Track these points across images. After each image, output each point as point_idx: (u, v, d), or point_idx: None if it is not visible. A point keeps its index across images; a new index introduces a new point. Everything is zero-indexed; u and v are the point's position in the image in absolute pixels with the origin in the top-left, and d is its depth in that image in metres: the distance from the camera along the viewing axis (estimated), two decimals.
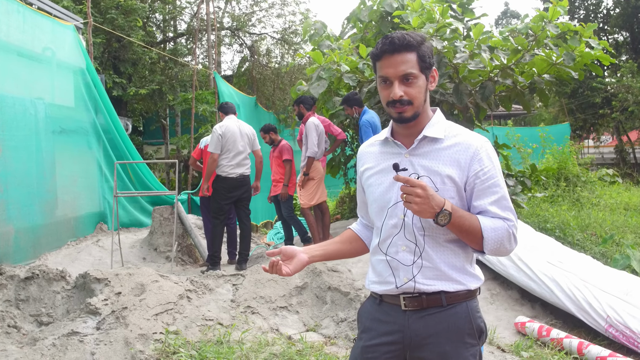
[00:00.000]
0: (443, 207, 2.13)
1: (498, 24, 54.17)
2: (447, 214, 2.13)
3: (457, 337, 2.27)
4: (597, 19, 28.05)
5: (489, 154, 2.31)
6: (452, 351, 2.26)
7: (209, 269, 7.91)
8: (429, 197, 2.10)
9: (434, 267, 2.28)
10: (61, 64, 8.75)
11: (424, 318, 2.28)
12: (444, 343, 2.26)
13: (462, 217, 2.19)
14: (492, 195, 2.27)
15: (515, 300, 6.32)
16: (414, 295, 2.30)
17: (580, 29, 8.31)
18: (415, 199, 2.10)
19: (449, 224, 2.16)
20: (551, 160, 14.43)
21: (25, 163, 7.52)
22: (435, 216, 2.13)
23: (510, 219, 2.28)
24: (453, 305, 2.28)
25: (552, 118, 30.16)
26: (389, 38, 2.26)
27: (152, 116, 21.09)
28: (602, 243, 8.28)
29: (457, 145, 2.30)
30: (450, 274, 2.28)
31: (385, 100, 2.28)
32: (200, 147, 9.00)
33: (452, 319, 2.27)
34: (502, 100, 9.19)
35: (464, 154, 2.28)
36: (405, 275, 2.29)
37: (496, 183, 2.28)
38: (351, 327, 5.48)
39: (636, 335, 5.12)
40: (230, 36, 22.67)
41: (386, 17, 9.95)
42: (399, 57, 2.25)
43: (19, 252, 7.18)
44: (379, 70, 2.29)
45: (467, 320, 2.29)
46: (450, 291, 2.28)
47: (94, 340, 4.86)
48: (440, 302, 2.28)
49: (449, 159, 2.28)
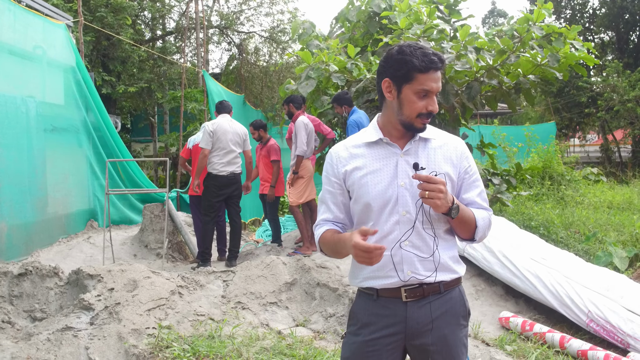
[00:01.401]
0: (454, 201, 2.32)
1: (485, 23, 54.52)
2: (457, 208, 2.33)
3: (454, 320, 2.47)
4: (583, 18, 28.23)
5: (468, 151, 2.57)
6: (450, 334, 2.45)
7: (199, 265, 8.02)
8: (445, 192, 2.27)
9: (433, 259, 2.44)
10: (52, 62, 8.81)
11: (425, 306, 2.44)
12: (443, 327, 2.44)
13: (464, 210, 2.40)
14: (476, 189, 2.52)
15: (499, 296, 6.47)
16: (414, 287, 2.44)
17: (564, 30, 8.47)
18: (439, 195, 2.25)
19: (459, 215, 2.35)
20: (536, 159, 14.57)
21: (17, 161, 7.58)
22: (449, 210, 2.30)
23: (490, 209, 2.56)
24: (449, 291, 2.48)
25: (539, 117, 30.36)
26: (435, 55, 2.38)
27: (140, 114, 21.11)
28: (585, 241, 8.42)
29: (445, 145, 2.49)
30: (449, 264, 2.47)
31: (419, 111, 2.40)
32: (188, 147, 9.03)
33: (449, 303, 2.47)
34: (488, 100, 9.34)
35: (454, 153, 2.49)
36: (410, 269, 2.43)
37: (478, 178, 2.56)
38: (340, 322, 5.60)
39: (616, 329, 5.27)
40: (218, 34, 22.70)
41: (374, 17, 10.08)
42: (439, 74, 2.40)
43: (11, 248, 7.25)
44: (421, 83, 2.37)
45: (462, 303, 2.52)
46: (448, 280, 2.47)
47: (87, 335, 4.94)
48: (438, 289, 2.45)
49: (443, 158, 2.46)
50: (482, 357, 4.90)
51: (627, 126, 22.75)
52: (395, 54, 2.42)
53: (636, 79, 21.52)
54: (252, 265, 6.56)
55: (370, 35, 10.37)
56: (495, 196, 8.94)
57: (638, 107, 20.68)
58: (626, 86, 21.20)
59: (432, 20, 8.66)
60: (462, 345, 2.51)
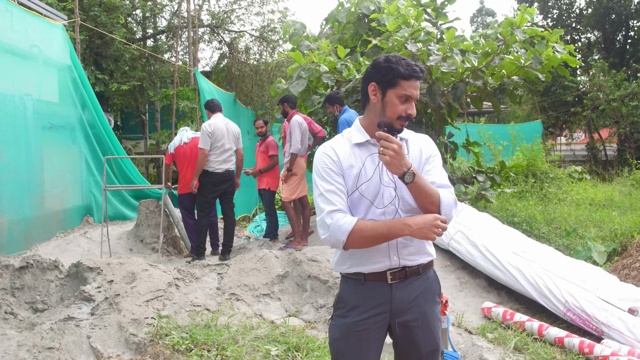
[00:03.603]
0: (410, 167, 2.58)
1: (473, 22, 54.74)
2: (412, 174, 2.58)
3: (431, 297, 2.83)
4: (570, 18, 28.42)
5: (433, 145, 2.94)
6: (429, 310, 2.80)
7: (194, 259, 8.23)
8: (402, 155, 2.56)
9: (414, 244, 2.77)
10: (50, 61, 8.97)
11: (407, 287, 2.78)
12: (423, 304, 2.79)
13: (423, 179, 2.65)
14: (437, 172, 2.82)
15: (482, 287, 6.73)
16: (398, 270, 2.77)
17: (547, 34, 8.73)
18: (390, 153, 2.55)
19: (412, 184, 2.60)
20: (521, 157, 14.82)
21: (16, 158, 7.76)
22: (403, 174, 2.58)
23: (450, 186, 2.80)
24: (425, 272, 2.83)
25: (526, 115, 30.56)
26: (417, 66, 2.75)
27: (132, 111, 21.22)
28: (566, 236, 8.67)
29: (417, 142, 2.89)
30: (425, 248, 2.81)
31: (400, 113, 2.73)
32: (170, 152, 9.10)
33: (427, 283, 2.83)
34: (473, 100, 9.58)
35: (425, 146, 2.88)
36: (395, 255, 2.76)
37: (440, 164, 2.87)
38: (330, 312, 5.84)
39: (591, 318, 5.55)
40: (209, 33, 22.85)
41: (363, 19, 10.29)
42: (418, 83, 2.77)
43: (12, 243, 7.43)
44: (404, 89, 2.72)
45: (437, 282, 2.90)
46: (425, 263, 2.81)
47: (89, 325, 5.13)
48: (417, 271, 2.80)
49: (415, 152, 2.85)
50: (465, 344, 5.15)
51: (612, 125, 22.91)
52: (382, 62, 2.75)
53: (621, 78, 21.77)
54: (246, 259, 6.80)
55: (360, 36, 10.60)
56: (479, 193, 9.19)
57: (623, 106, 20.87)
58: (612, 85, 21.43)
59: (420, 22, 8.90)
60: (437, 319, 2.85)
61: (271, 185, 9.28)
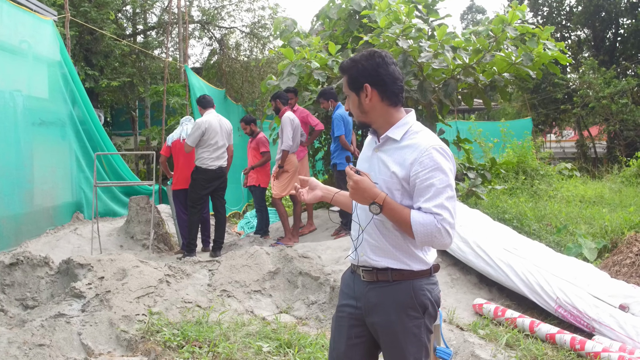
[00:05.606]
0: (375, 199, 2.58)
1: (464, 19, 54.87)
2: (378, 206, 2.58)
3: (400, 309, 2.69)
4: (560, 16, 28.52)
5: (432, 156, 2.58)
6: (397, 320, 2.69)
7: (185, 255, 8.22)
8: (360, 190, 2.60)
9: (381, 246, 2.74)
10: (40, 57, 8.94)
11: (375, 289, 2.76)
12: (390, 312, 2.70)
13: (393, 210, 2.59)
14: (426, 195, 2.57)
15: (473, 284, 6.74)
16: (368, 269, 2.78)
17: (538, 31, 8.76)
18: (350, 189, 2.64)
19: (383, 213, 2.61)
20: (511, 154, 14.84)
21: (6, 154, 7.74)
22: (369, 205, 2.62)
23: (440, 214, 2.52)
24: (398, 282, 2.71)
25: (516, 113, 30.65)
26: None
27: (122, 107, 21.16)
28: (557, 232, 8.69)
29: (408, 147, 2.67)
30: (395, 253, 2.72)
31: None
32: (167, 145, 9.17)
33: (395, 293, 2.71)
34: (464, 97, 9.59)
35: (410, 156, 2.63)
36: (362, 251, 2.80)
37: (433, 183, 2.55)
38: (321, 309, 5.85)
39: (582, 314, 5.57)
40: (199, 29, 22.80)
41: (354, 15, 10.28)
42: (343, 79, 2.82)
43: (1, 239, 7.42)
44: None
45: (409, 296, 2.69)
46: (395, 268, 2.71)
47: (80, 322, 5.10)
48: (387, 277, 2.73)
49: (398, 158, 2.68)
50: (456, 341, 5.16)
51: (602, 122, 22.97)
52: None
53: (611, 76, 21.86)
54: (237, 255, 6.78)
55: (351, 32, 10.60)
56: (470, 189, 9.20)
57: (613, 103, 20.95)
58: (601, 83, 21.51)
59: (411, 19, 8.91)
60: (412, 334, 2.68)
61: (261, 181, 9.26)
